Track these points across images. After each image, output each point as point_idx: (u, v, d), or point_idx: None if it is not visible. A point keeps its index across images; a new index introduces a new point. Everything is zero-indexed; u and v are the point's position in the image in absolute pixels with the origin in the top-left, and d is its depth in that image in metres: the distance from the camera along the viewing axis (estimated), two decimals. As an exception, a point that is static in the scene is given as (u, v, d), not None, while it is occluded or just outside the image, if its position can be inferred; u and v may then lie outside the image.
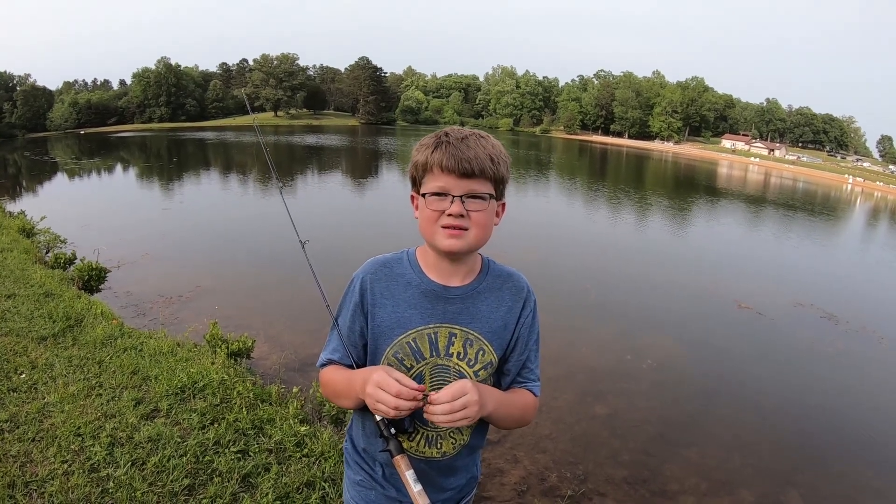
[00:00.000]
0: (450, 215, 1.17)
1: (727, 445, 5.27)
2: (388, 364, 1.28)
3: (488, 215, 1.21)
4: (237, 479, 2.91)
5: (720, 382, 6.69)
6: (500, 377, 1.39)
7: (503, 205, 1.29)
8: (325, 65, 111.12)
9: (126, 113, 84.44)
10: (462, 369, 1.29)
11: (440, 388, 1.18)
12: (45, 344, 4.47)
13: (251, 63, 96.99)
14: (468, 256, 1.29)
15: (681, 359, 7.20)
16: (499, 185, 1.22)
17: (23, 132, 66.27)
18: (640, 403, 5.91)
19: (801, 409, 6.20)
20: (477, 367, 1.30)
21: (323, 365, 1.37)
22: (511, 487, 4.18)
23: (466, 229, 1.18)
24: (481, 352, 1.30)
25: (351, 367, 1.32)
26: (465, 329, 1.29)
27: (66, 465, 2.83)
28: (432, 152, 1.17)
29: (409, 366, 1.28)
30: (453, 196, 1.16)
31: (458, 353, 1.29)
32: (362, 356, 1.35)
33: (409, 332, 1.27)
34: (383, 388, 1.13)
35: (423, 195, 1.21)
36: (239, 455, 3.14)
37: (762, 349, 7.80)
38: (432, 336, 1.28)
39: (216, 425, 3.41)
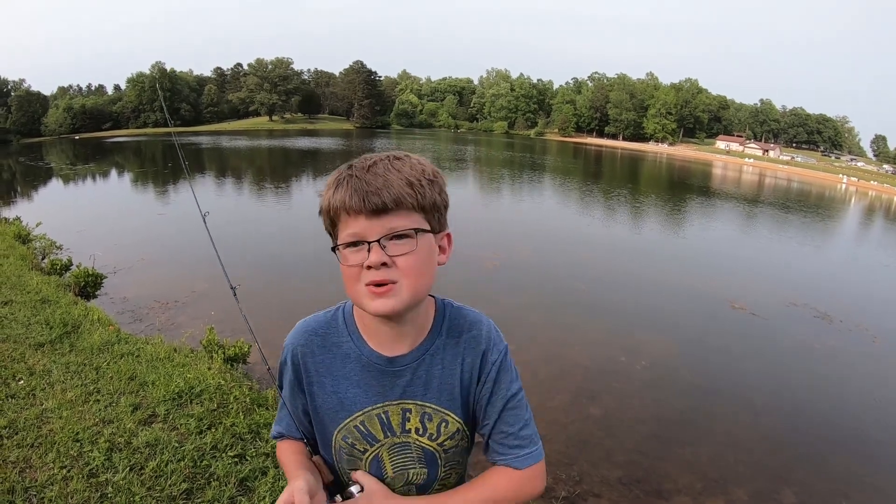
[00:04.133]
0: (370, 267, 0.92)
1: (721, 444, 5.32)
2: (340, 448, 1.12)
3: (421, 257, 0.94)
4: (235, 483, 2.93)
5: (714, 381, 6.74)
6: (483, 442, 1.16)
7: (448, 236, 1.03)
8: (319, 69, 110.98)
9: (121, 118, 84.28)
10: (424, 445, 1.10)
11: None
12: (43, 350, 4.49)
13: (246, 67, 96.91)
14: (412, 313, 1.02)
15: (674, 358, 7.24)
16: (432, 213, 0.96)
17: (17, 137, 66.30)
18: (633, 403, 5.95)
19: (795, 407, 6.25)
20: (442, 438, 1.10)
21: (276, 437, 1.22)
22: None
23: (395, 282, 0.93)
24: (444, 423, 1.09)
25: (302, 439, 1.17)
26: (419, 403, 1.07)
27: (64, 471, 2.85)
28: (333, 192, 0.94)
29: (362, 450, 1.10)
30: (369, 242, 0.92)
31: (417, 429, 1.09)
32: (311, 431, 1.17)
33: (356, 414, 1.08)
34: None
35: (335, 249, 0.98)
36: (236, 459, 3.16)
37: (755, 348, 7.85)
38: (383, 417, 1.08)
39: (213, 430, 3.44)
